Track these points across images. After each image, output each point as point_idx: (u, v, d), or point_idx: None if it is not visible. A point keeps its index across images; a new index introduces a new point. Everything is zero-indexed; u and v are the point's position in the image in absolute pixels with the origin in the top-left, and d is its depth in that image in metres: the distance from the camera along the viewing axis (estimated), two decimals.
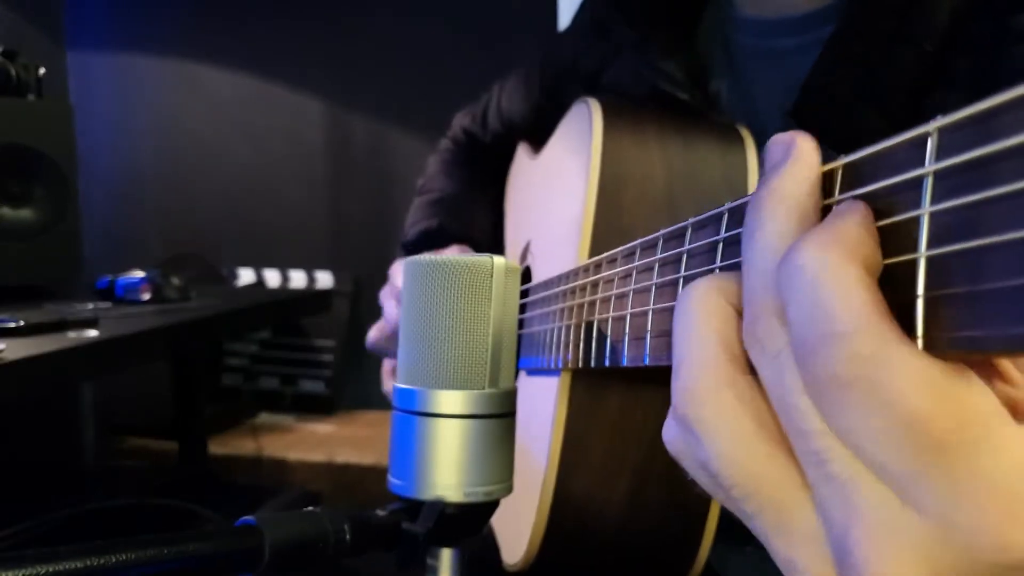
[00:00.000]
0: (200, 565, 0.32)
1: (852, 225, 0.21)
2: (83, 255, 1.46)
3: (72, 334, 1.02)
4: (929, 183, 0.19)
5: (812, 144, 0.23)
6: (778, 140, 0.24)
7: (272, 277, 2.18)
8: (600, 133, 0.57)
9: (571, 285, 0.52)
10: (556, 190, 0.69)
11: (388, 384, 0.90)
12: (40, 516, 1.30)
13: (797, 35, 0.61)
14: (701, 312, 0.24)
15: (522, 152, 0.90)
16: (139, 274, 1.33)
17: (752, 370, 0.24)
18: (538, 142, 0.82)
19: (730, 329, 0.24)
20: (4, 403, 1.29)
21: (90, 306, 1.24)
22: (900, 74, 0.52)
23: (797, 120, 0.56)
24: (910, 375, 0.19)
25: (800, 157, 0.23)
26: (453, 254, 0.50)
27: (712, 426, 0.23)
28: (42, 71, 1.39)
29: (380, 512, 0.38)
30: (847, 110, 0.55)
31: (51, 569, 0.29)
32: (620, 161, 0.57)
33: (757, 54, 0.64)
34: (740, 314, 0.24)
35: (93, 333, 1.03)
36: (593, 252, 0.49)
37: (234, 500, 1.60)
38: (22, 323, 1.01)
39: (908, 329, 0.20)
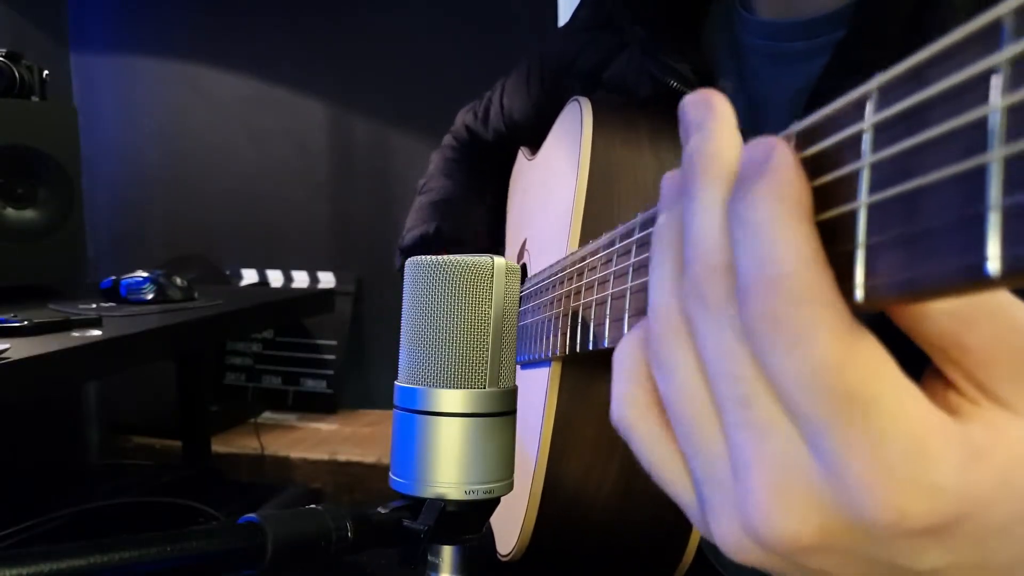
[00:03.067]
0: (203, 563, 0.32)
1: (792, 176, 0.22)
2: (87, 256, 1.47)
3: (76, 334, 1.02)
4: (869, 136, 0.20)
5: (726, 101, 0.25)
6: (692, 102, 0.25)
7: (275, 277, 2.18)
8: (590, 129, 0.58)
9: (558, 276, 0.52)
10: (549, 188, 0.69)
11: None
12: (44, 514, 1.31)
13: (807, 39, 0.60)
14: (619, 366, 0.29)
15: (522, 153, 0.90)
16: (143, 274, 1.33)
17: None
18: (537, 142, 0.82)
19: (640, 368, 0.28)
20: (8, 402, 1.30)
21: (94, 306, 1.25)
22: None
23: None
24: (833, 321, 0.20)
25: (720, 116, 0.24)
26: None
27: (631, 438, 0.28)
28: (46, 73, 1.39)
29: (382, 510, 0.38)
30: None
31: (55, 567, 0.29)
32: (610, 156, 0.57)
33: (765, 56, 0.64)
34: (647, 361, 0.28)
35: (97, 333, 1.04)
36: (582, 245, 0.50)
37: (237, 498, 1.60)
38: (26, 323, 1.01)
39: (848, 278, 0.21)
